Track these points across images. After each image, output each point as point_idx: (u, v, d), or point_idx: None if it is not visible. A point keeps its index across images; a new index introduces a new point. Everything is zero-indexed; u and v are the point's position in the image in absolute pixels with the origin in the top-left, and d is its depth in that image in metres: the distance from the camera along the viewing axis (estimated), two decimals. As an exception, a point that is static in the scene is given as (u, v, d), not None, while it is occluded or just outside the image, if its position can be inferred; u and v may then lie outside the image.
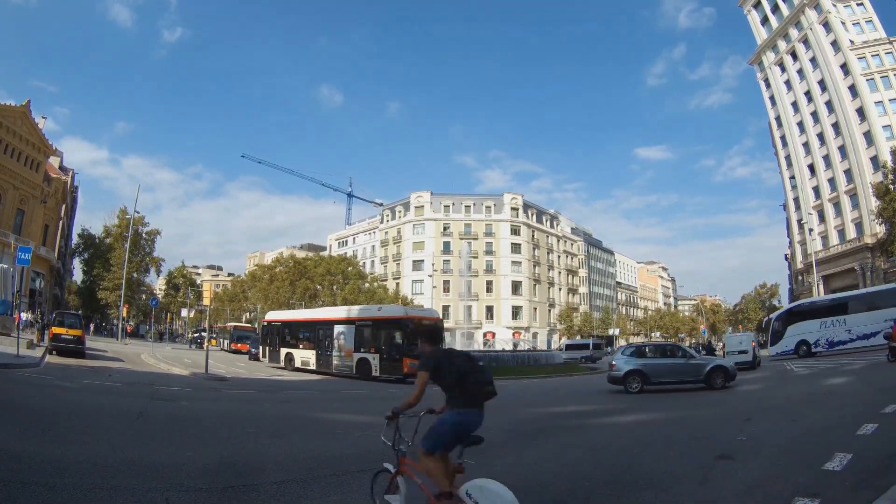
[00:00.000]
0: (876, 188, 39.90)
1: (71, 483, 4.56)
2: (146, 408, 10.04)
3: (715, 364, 15.92)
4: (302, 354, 25.43)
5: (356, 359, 22.13)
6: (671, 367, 15.81)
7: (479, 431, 3.94)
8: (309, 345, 25.31)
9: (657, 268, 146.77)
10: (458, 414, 4.00)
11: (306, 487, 5.01)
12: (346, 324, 23.50)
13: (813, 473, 5.10)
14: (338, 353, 23.27)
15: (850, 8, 55.87)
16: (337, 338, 23.52)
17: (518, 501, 3.58)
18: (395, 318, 22.16)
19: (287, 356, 26.18)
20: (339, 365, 23.07)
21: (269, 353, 27.91)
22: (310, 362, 24.58)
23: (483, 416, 4.15)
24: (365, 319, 23.23)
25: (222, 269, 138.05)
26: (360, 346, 22.30)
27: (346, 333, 23.05)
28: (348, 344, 22.76)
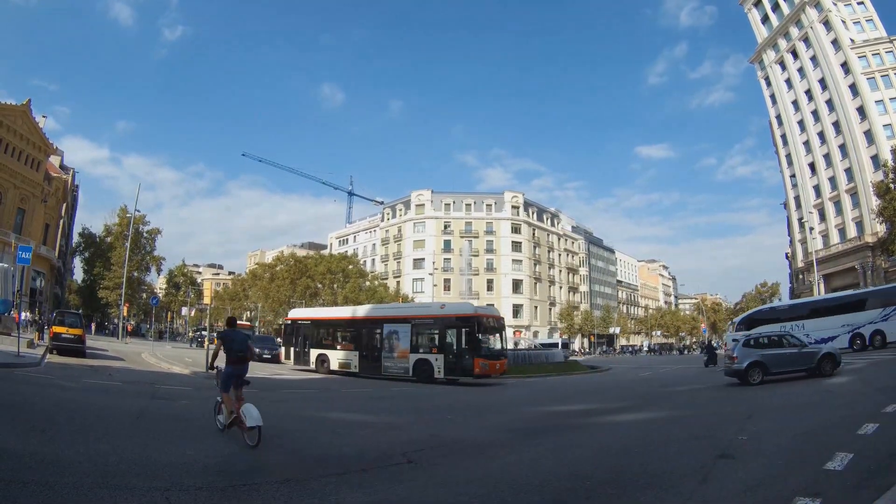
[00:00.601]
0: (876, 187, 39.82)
1: (71, 482, 4.56)
2: (147, 407, 10.04)
3: (825, 352, 16.01)
4: (339, 356, 23.57)
5: (413, 360, 20.81)
6: (788, 356, 15.79)
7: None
8: (349, 345, 23.62)
9: (658, 266, 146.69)
10: (229, 368, 7.24)
11: (306, 487, 5.01)
12: (400, 322, 22.07)
13: (814, 473, 5.10)
14: (389, 355, 21.73)
15: (851, 6, 55.79)
16: (387, 338, 21.99)
17: (261, 416, 6.67)
18: (465, 315, 20.88)
19: (319, 358, 24.11)
20: (390, 367, 21.55)
21: (295, 355, 25.60)
22: (350, 364, 22.83)
23: (244, 370, 7.38)
24: (425, 318, 21.98)
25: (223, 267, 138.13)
26: (418, 347, 21.09)
27: (400, 333, 21.61)
28: (403, 344, 21.35)
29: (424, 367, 20.43)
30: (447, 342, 20.54)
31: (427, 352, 20.76)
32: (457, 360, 19.90)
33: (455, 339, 20.43)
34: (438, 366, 20.13)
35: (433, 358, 20.37)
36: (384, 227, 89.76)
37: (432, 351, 20.63)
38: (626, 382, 22.04)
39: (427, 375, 20.18)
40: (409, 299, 67.66)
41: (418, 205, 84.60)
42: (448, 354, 20.15)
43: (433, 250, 79.72)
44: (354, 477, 5.44)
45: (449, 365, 19.98)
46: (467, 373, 19.65)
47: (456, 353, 20.08)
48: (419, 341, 21.26)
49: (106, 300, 53.64)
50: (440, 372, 20.03)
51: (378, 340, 22.37)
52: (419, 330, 21.46)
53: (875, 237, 45.85)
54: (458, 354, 19.99)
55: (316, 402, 14.01)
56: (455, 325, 20.65)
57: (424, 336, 21.35)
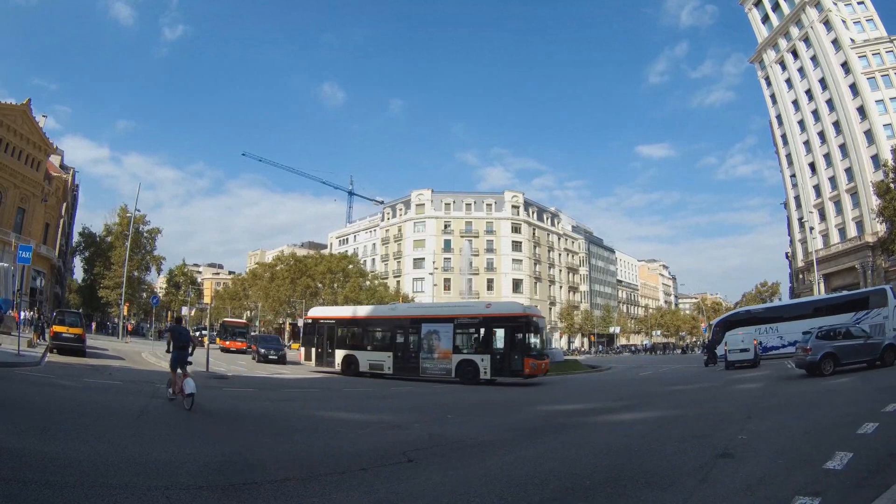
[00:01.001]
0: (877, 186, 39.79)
1: (71, 482, 4.56)
2: (147, 406, 10.05)
3: (887, 343, 16.71)
4: (370, 357, 22.61)
5: (456, 361, 20.22)
6: (856, 347, 16.33)
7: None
8: (381, 346, 22.81)
9: (658, 266, 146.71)
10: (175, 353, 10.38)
11: (307, 486, 5.01)
12: (441, 322, 21.34)
13: (814, 472, 5.10)
14: (428, 356, 21.03)
15: (851, 6, 55.75)
16: (426, 338, 21.26)
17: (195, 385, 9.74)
18: (514, 315, 20.60)
19: (346, 359, 23.03)
20: (429, 368, 20.90)
21: (317, 356, 24.42)
22: (383, 366, 21.95)
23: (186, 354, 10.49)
24: (469, 317, 21.36)
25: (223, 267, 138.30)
26: (461, 347, 20.57)
27: (441, 333, 20.91)
28: (444, 345, 20.69)
29: (468, 368, 19.87)
30: (493, 342, 20.03)
31: (471, 352, 20.26)
32: (505, 361, 19.47)
33: (503, 338, 19.89)
34: (484, 366, 19.60)
35: (479, 358, 19.83)
36: (384, 227, 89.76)
37: (477, 351, 20.13)
38: (627, 382, 22.07)
39: (471, 376, 19.69)
40: (409, 299, 67.67)
41: (418, 204, 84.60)
42: (495, 355, 19.65)
43: (433, 250, 79.74)
44: (354, 476, 5.44)
45: (496, 365, 19.51)
46: (516, 373, 19.33)
47: (504, 353, 19.59)
48: (462, 341, 20.73)
49: (106, 299, 53.66)
50: (486, 373, 19.54)
51: (416, 341, 21.65)
52: (462, 330, 20.90)
53: (875, 237, 45.84)
54: (506, 354, 19.52)
55: (317, 401, 14.01)
56: (503, 324, 20.17)
57: (468, 336, 20.84)
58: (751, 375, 19.66)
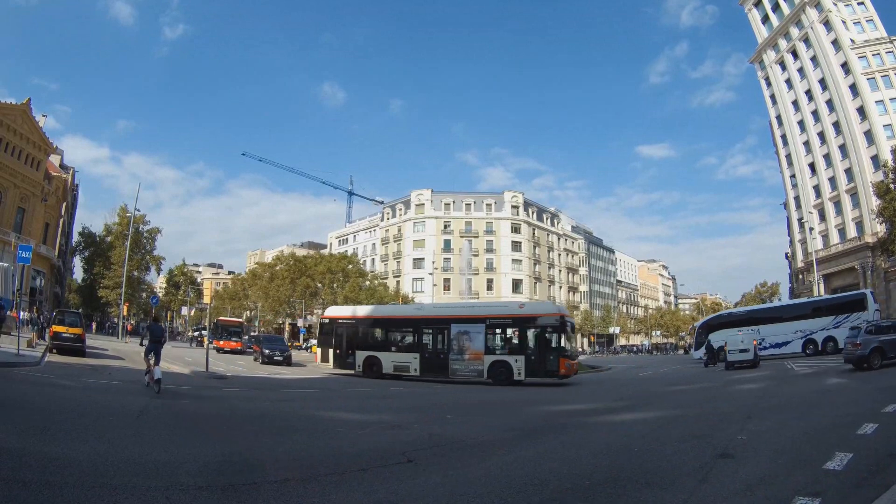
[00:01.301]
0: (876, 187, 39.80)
1: (71, 482, 4.55)
2: (146, 406, 10.04)
3: None
4: (395, 358, 22.08)
5: (489, 362, 19.92)
6: None
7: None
8: (406, 347, 22.30)
9: (657, 266, 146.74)
10: (150, 345, 12.99)
11: (306, 486, 5.01)
12: (472, 322, 20.96)
13: (813, 472, 5.10)
14: (458, 357, 20.65)
15: (851, 7, 55.76)
16: (456, 339, 20.85)
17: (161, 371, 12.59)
18: (550, 315, 20.43)
19: (368, 361, 22.43)
20: (459, 370, 20.54)
21: (335, 357, 23.68)
22: (409, 368, 21.51)
23: (159, 346, 13.05)
24: (502, 318, 21.23)
25: (223, 267, 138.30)
26: (494, 348, 20.29)
27: (472, 334, 20.57)
28: (475, 346, 20.37)
29: (501, 369, 19.62)
30: (528, 343, 19.81)
31: (504, 353, 20.01)
32: (540, 362, 19.27)
33: (538, 339, 19.73)
34: (518, 367, 19.36)
35: (512, 359, 19.58)
36: (384, 227, 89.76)
37: (511, 352, 19.88)
38: (627, 382, 22.06)
39: (504, 378, 19.43)
40: (409, 299, 67.68)
41: (418, 204, 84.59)
42: (529, 356, 19.44)
43: (433, 250, 79.73)
44: (354, 476, 5.44)
45: (530, 366, 19.31)
46: (551, 374, 19.18)
47: (539, 353, 19.41)
48: (495, 342, 20.46)
49: (106, 299, 53.64)
50: (520, 374, 19.31)
51: (444, 341, 21.24)
52: (495, 330, 20.63)
53: (875, 237, 45.84)
54: (541, 355, 19.35)
55: (316, 401, 14.01)
56: (538, 325, 19.97)
57: (501, 337, 20.59)
58: (751, 376, 19.66)
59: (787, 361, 25.65)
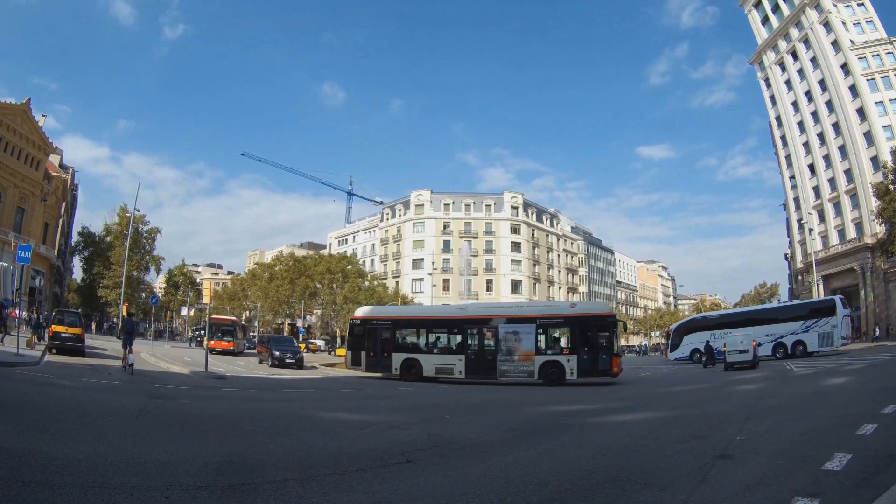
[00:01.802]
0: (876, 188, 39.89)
1: (70, 481, 4.55)
2: (146, 406, 10.03)
3: None
4: (437, 360, 21.57)
5: (539, 362, 19.76)
6: None
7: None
8: (450, 349, 21.88)
9: (657, 267, 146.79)
10: (125, 336, 17.03)
11: (306, 486, 5.01)
12: (522, 323, 20.77)
13: (813, 473, 5.10)
14: (507, 358, 20.44)
15: (851, 8, 55.85)
16: (504, 340, 20.65)
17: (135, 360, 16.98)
18: (602, 315, 20.61)
19: (406, 363, 21.78)
20: (508, 371, 20.36)
21: (368, 360, 22.81)
22: (453, 370, 21.05)
23: (132, 338, 17.07)
24: (553, 317, 21.20)
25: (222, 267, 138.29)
26: (544, 348, 20.15)
27: (522, 334, 20.37)
28: (526, 346, 20.17)
29: (553, 370, 19.51)
30: (580, 342, 19.73)
31: (556, 353, 19.88)
32: (592, 361, 19.29)
33: (590, 338, 19.73)
34: (571, 367, 19.30)
35: (564, 359, 19.48)
36: (383, 228, 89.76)
37: (563, 352, 19.77)
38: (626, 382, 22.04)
39: (556, 378, 19.36)
40: (409, 299, 67.67)
41: (417, 205, 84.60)
42: (582, 355, 19.38)
43: (432, 250, 79.72)
44: (353, 477, 5.44)
45: (583, 366, 19.27)
46: (605, 373, 19.20)
47: (591, 353, 19.44)
48: (546, 342, 20.31)
49: (105, 299, 53.66)
50: (572, 373, 19.27)
51: (492, 342, 20.98)
52: (546, 330, 20.47)
53: (874, 238, 45.91)
54: (593, 355, 19.39)
55: (316, 401, 14.01)
56: (591, 324, 20.03)
57: (552, 337, 20.47)
58: (749, 376, 19.67)
59: (785, 362, 25.68)
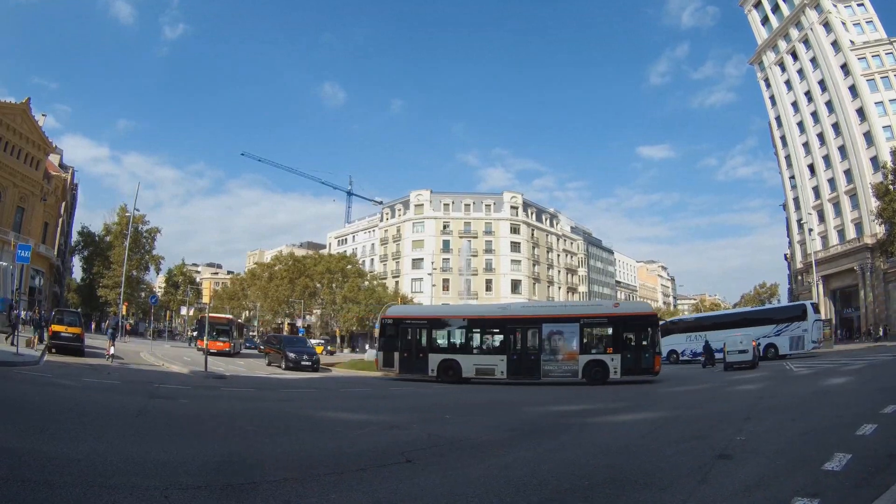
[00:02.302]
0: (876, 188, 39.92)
1: (70, 481, 4.55)
2: (145, 406, 10.03)
3: None
4: (477, 361, 21.13)
5: (584, 362, 19.65)
6: None
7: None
8: (491, 349, 21.58)
9: (657, 267, 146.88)
10: (110, 331, 22.99)
11: (305, 486, 5.01)
12: (565, 322, 20.62)
13: (812, 473, 5.10)
14: (550, 357, 20.22)
15: (851, 8, 55.87)
16: (547, 339, 20.42)
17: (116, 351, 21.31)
18: (645, 314, 20.84)
19: (443, 364, 21.16)
20: (552, 371, 20.10)
21: (402, 361, 22.02)
22: (494, 371, 20.67)
23: (116, 332, 23.03)
24: (597, 317, 21.20)
25: (222, 267, 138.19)
26: (588, 347, 20.06)
27: (566, 333, 20.25)
28: (570, 346, 20.06)
29: (597, 369, 19.50)
30: (623, 341, 19.81)
31: (600, 352, 19.80)
32: (636, 359, 19.41)
33: (633, 337, 19.87)
34: (615, 366, 19.30)
35: (608, 358, 19.46)
36: (383, 227, 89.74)
37: (607, 351, 19.72)
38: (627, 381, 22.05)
39: (600, 377, 19.35)
40: (408, 299, 67.66)
41: (417, 205, 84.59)
42: (625, 354, 19.45)
43: (432, 250, 79.70)
44: (353, 476, 5.44)
45: (627, 365, 19.33)
46: (647, 371, 19.36)
47: (634, 351, 19.55)
48: (590, 342, 20.28)
49: (105, 299, 53.67)
50: (616, 372, 19.27)
51: (535, 342, 20.72)
52: (590, 330, 20.46)
53: (874, 238, 45.92)
54: (637, 353, 19.51)
55: (315, 401, 14.01)
56: (634, 323, 20.15)
57: (595, 336, 20.47)
58: (749, 377, 19.67)
59: (785, 362, 25.68)
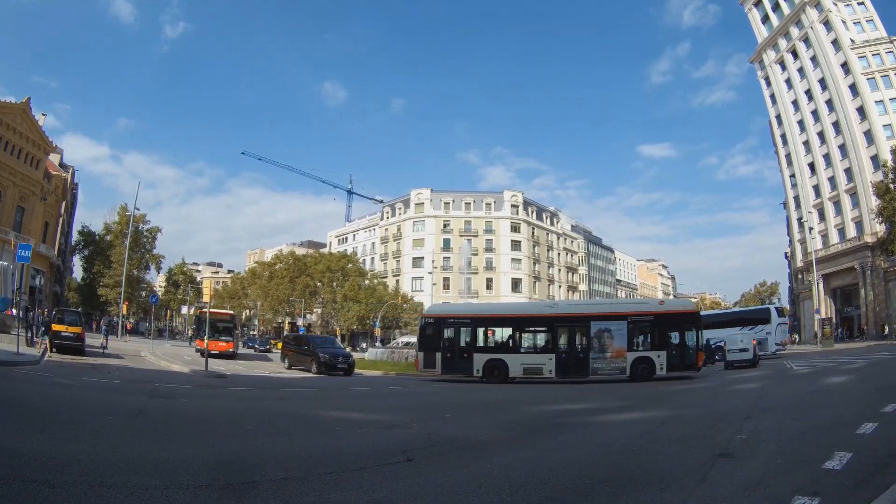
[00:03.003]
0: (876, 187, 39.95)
1: (70, 481, 4.55)
2: (146, 405, 10.04)
3: None
4: (525, 360, 20.92)
5: (631, 359, 19.78)
6: None
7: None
8: (539, 348, 21.36)
9: (657, 265, 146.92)
10: (105, 329, 30.87)
11: (305, 485, 5.01)
12: (614, 320, 20.72)
13: (813, 472, 5.10)
14: (599, 355, 20.23)
15: (851, 7, 55.81)
16: (596, 337, 20.49)
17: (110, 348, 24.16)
18: (689, 311, 21.27)
19: (489, 364, 20.83)
20: (600, 368, 20.14)
21: (445, 361, 21.39)
22: (542, 369, 20.53)
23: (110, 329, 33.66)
24: (644, 314, 21.23)
25: (222, 266, 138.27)
26: (635, 345, 20.18)
27: (614, 331, 20.32)
28: (618, 343, 20.12)
29: (644, 366, 19.68)
30: (668, 338, 20.06)
31: (647, 349, 19.94)
32: (681, 356, 19.72)
33: (678, 335, 20.14)
34: (661, 363, 19.53)
35: (654, 355, 19.65)
36: (383, 226, 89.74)
37: (653, 348, 19.89)
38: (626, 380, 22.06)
39: (646, 374, 19.48)
40: (409, 298, 67.68)
41: (418, 203, 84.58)
42: (671, 350, 19.71)
43: (432, 249, 79.70)
44: (353, 475, 5.44)
45: (672, 361, 19.59)
46: (691, 367, 19.72)
47: (679, 348, 19.84)
48: (636, 339, 20.37)
49: (105, 298, 53.70)
50: (662, 369, 19.48)
51: (584, 340, 20.80)
52: (637, 327, 20.50)
53: (874, 237, 45.94)
54: (681, 350, 19.80)
55: (316, 400, 14.01)
56: (679, 321, 20.44)
57: (641, 333, 20.51)
58: (749, 375, 19.68)
59: (786, 361, 25.68)
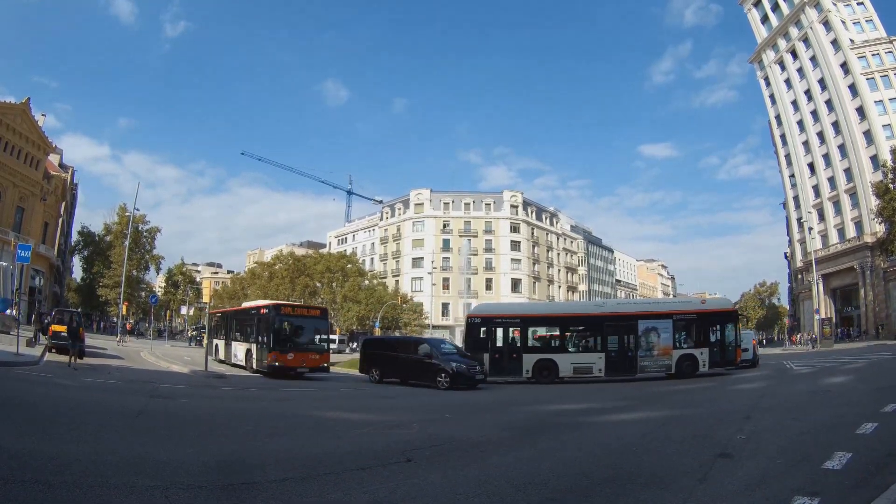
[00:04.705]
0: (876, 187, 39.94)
1: (70, 481, 4.55)
2: (146, 406, 10.03)
3: None
4: (574, 360, 20.84)
5: (676, 356, 20.16)
6: None
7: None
8: (588, 347, 21.27)
9: (657, 265, 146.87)
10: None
11: (305, 485, 5.02)
12: (660, 318, 20.99)
13: (812, 472, 5.11)
14: (647, 353, 20.43)
15: (851, 7, 55.83)
16: (644, 335, 20.70)
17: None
18: (728, 310, 21.72)
19: (539, 365, 20.60)
20: (648, 366, 20.39)
21: (493, 362, 21.03)
22: (592, 368, 20.49)
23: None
24: (688, 313, 21.62)
25: (222, 266, 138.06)
26: (680, 343, 20.57)
27: (660, 329, 20.57)
28: (664, 341, 20.41)
29: (688, 363, 20.10)
30: (709, 336, 20.64)
31: (690, 347, 20.42)
32: (721, 353, 20.28)
33: (719, 332, 20.71)
34: (703, 360, 20.07)
35: (698, 352, 20.17)
36: (383, 226, 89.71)
37: (696, 345, 20.39)
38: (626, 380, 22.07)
39: (690, 370, 19.89)
40: (408, 298, 67.67)
41: (417, 204, 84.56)
42: (712, 348, 20.31)
43: (432, 249, 79.64)
44: (354, 476, 5.44)
45: (713, 358, 20.17)
46: (731, 363, 20.46)
47: (720, 345, 20.43)
48: (680, 337, 20.81)
49: (105, 298, 53.66)
50: (705, 365, 20.03)
51: (632, 339, 20.92)
52: (681, 325, 20.90)
53: (874, 237, 45.93)
54: (722, 347, 20.39)
55: (316, 401, 14.02)
56: (719, 319, 20.96)
57: (685, 331, 20.95)
58: (750, 375, 19.70)
59: (785, 361, 25.69)
